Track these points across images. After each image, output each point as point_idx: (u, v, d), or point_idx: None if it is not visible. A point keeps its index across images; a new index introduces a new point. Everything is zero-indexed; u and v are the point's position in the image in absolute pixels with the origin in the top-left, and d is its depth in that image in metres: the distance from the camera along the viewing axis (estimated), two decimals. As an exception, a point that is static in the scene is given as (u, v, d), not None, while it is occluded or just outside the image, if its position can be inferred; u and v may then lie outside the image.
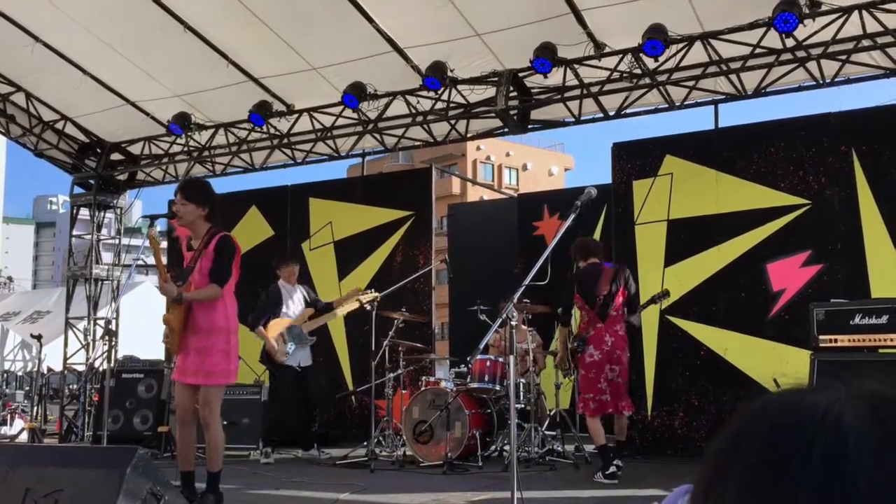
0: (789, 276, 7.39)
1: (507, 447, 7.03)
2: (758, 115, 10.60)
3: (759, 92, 7.46)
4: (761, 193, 7.59)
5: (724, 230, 7.70)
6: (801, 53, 7.00)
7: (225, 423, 7.73)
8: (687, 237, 7.89)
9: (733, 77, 7.44)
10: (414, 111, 8.68)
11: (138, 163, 10.73)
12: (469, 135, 9.20)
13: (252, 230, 10.21)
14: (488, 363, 7.25)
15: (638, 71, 7.50)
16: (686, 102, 7.96)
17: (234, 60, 8.65)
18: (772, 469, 0.54)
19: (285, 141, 9.54)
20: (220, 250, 4.94)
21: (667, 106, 7.96)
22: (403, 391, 7.88)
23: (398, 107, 8.70)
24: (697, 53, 7.31)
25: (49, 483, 3.51)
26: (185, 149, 10.14)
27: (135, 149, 10.65)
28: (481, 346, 3.93)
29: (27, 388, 14.44)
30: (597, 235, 8.97)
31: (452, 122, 8.78)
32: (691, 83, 7.56)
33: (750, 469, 0.55)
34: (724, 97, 7.78)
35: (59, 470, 3.62)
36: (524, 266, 9.12)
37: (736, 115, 10.88)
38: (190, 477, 5.05)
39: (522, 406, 7.27)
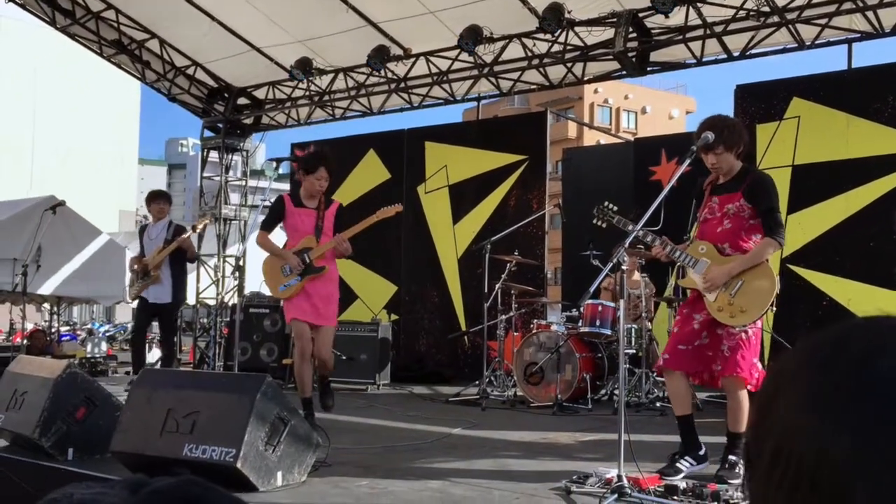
0: (923, 225, 7.01)
1: (617, 391, 7.07)
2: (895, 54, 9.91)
3: (899, 29, 7.02)
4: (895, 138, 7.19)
5: (854, 176, 7.35)
6: (947, -13, 6.52)
7: (344, 357, 8.14)
8: (813, 183, 7.57)
9: (870, 14, 7.01)
10: (530, 54, 8.61)
11: (263, 107, 11.14)
12: (585, 78, 9.06)
13: (369, 173, 10.47)
14: (600, 308, 7.26)
15: (766, 9, 7.17)
16: (817, 42, 7.56)
17: (354, 5, 8.79)
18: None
19: (402, 85, 9.67)
20: (339, 217, 5.61)
21: (796, 45, 7.59)
22: (515, 333, 8.01)
23: (514, 50, 8.65)
24: (831, -11, 6.93)
25: (188, 404, 3.83)
26: (307, 93, 10.43)
27: (259, 93, 11.05)
28: (591, 290, 3.98)
29: (163, 320, 15.38)
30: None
31: (569, 65, 8.66)
32: (823, 21, 7.18)
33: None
34: (858, 35, 7.35)
35: (196, 393, 3.93)
36: (639, 211, 8.99)
37: (871, 54, 10.25)
38: (310, 402, 5.50)
39: (634, 352, 7.26)
